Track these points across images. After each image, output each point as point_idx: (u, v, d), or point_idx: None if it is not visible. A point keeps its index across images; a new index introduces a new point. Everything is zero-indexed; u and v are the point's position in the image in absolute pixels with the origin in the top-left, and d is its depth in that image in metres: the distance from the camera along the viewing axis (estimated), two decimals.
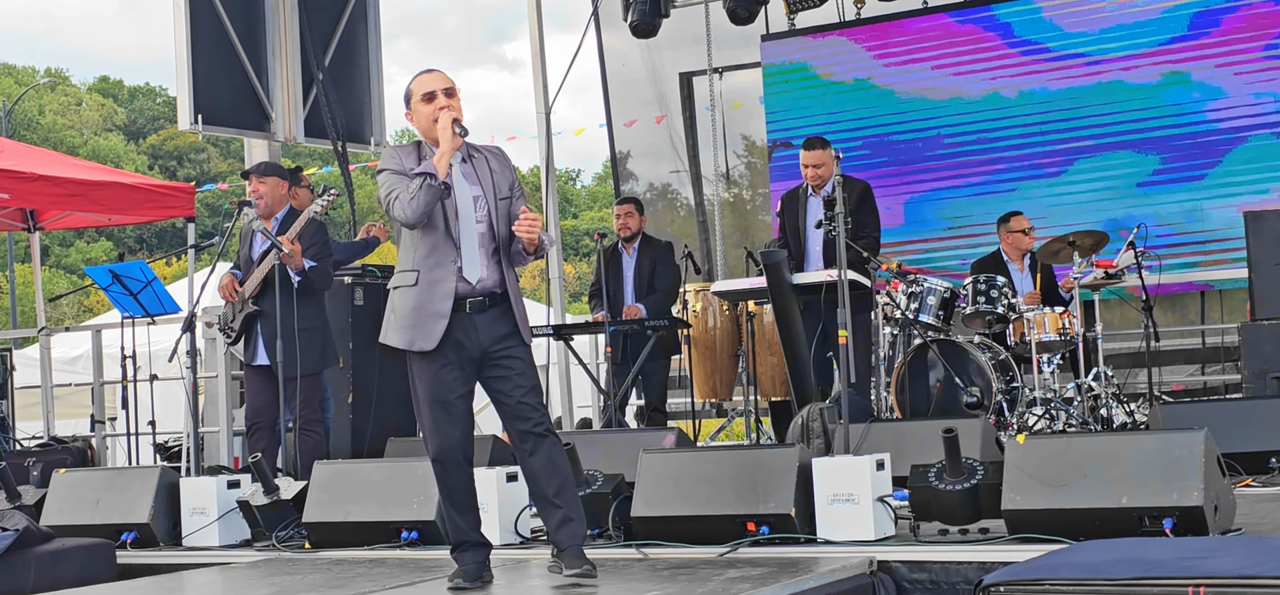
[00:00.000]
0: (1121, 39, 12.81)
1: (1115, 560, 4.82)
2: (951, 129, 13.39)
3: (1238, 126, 12.40)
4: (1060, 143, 12.99)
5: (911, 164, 13.51)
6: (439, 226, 5.78)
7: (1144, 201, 12.54)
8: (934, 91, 13.47)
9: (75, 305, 34.52)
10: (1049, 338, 9.71)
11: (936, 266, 12.56)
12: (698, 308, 11.18)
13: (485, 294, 5.82)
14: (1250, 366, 9.79)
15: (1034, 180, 13.03)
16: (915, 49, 13.57)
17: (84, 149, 45.04)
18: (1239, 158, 12.38)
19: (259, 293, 8.60)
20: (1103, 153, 12.85)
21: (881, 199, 10.37)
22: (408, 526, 7.26)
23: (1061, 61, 13.01)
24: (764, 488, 6.53)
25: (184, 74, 10.56)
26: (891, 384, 9.73)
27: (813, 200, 9.90)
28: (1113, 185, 12.77)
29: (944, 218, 13.41)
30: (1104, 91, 12.83)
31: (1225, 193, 12.35)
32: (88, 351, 12.89)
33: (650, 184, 15.91)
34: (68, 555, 7.55)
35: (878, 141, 13.62)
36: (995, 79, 13.26)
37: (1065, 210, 12.66)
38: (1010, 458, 6.21)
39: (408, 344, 5.85)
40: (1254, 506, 6.74)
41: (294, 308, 8.39)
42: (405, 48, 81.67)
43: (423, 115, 5.89)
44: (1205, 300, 12.58)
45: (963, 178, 13.33)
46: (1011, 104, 13.19)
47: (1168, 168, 12.63)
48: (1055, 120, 13.02)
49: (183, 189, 12.59)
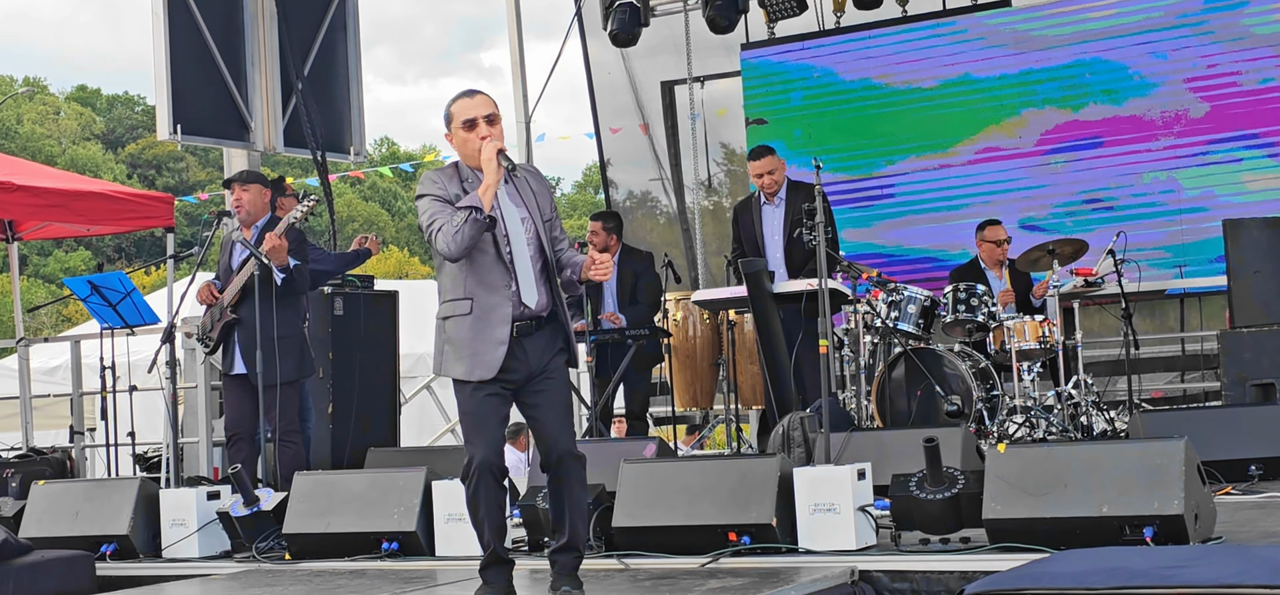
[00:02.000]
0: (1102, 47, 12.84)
1: (1096, 570, 4.82)
2: (931, 135, 13.40)
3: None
4: (1043, 150, 13.01)
5: (891, 171, 13.51)
6: (489, 251, 5.73)
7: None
8: (915, 98, 13.48)
9: (54, 315, 34.40)
10: (1029, 346, 9.73)
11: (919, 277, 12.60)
12: (678, 316, 11.18)
13: (535, 317, 5.78)
14: (1229, 374, 9.83)
15: (1014, 188, 13.06)
16: (895, 57, 13.57)
17: (62, 158, 44.90)
18: None
19: (237, 302, 8.58)
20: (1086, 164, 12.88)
21: (863, 207, 10.39)
22: (388, 537, 7.25)
23: (1045, 70, 13.02)
24: (745, 498, 6.53)
25: (163, 84, 10.53)
26: (872, 393, 9.74)
27: (767, 208, 10.04)
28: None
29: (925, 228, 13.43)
30: (1090, 99, 12.85)
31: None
32: (67, 362, 12.85)
33: (630, 192, 15.91)
34: (47, 567, 7.52)
35: (857, 149, 13.63)
36: (976, 87, 13.26)
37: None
38: (991, 466, 6.22)
39: (467, 375, 5.73)
40: (1234, 514, 6.75)
41: (273, 316, 8.37)
42: (382, 56, 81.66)
43: (464, 142, 5.80)
44: (1184, 307, 12.61)
45: (944, 182, 13.33)
46: (993, 111, 13.20)
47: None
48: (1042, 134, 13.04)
49: (161, 199, 12.56)
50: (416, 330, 13.71)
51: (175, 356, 9.09)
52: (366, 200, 48.48)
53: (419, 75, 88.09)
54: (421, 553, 7.19)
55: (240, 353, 8.58)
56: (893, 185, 13.39)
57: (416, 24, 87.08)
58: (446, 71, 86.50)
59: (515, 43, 13.49)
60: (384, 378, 10.63)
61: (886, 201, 13.38)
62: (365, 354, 10.22)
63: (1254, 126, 12.14)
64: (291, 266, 8.47)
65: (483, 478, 5.73)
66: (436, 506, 7.24)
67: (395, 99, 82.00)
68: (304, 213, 8.59)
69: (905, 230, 13.31)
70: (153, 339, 9.81)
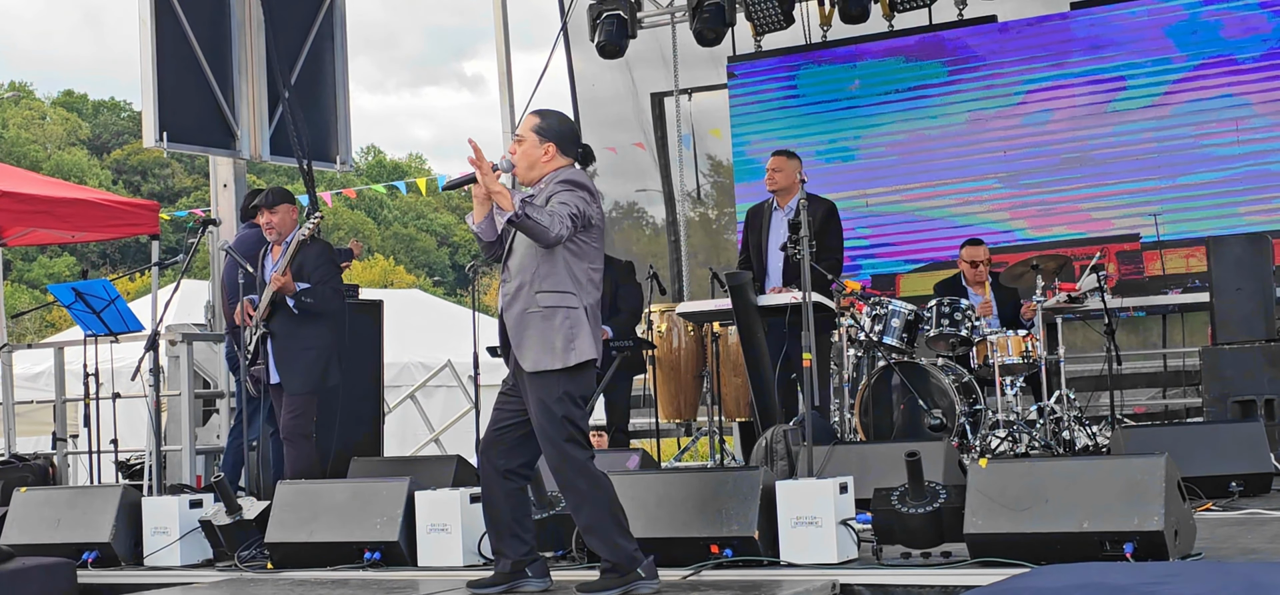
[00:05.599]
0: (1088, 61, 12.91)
1: (1076, 585, 4.84)
2: (917, 149, 13.45)
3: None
4: (1026, 159, 13.07)
5: (877, 185, 13.56)
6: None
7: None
8: (901, 114, 13.52)
9: (38, 321, 34.32)
10: (1012, 360, 9.76)
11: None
12: (663, 328, 11.19)
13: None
14: (1211, 390, 9.87)
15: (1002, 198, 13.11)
16: (881, 71, 13.62)
17: (48, 164, 44.77)
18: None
19: (268, 316, 8.81)
20: (1071, 168, 12.93)
21: (846, 220, 10.40)
22: (371, 547, 7.24)
23: (1027, 84, 13.09)
24: (728, 510, 6.54)
25: (149, 91, 10.53)
26: (855, 406, 9.75)
27: (777, 215, 9.94)
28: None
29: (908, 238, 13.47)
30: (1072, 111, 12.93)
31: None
32: (50, 368, 12.82)
33: (616, 203, 15.93)
34: (28, 575, 7.49)
35: (844, 163, 13.66)
36: (962, 101, 13.31)
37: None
38: (973, 481, 6.23)
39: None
40: (1214, 531, 6.77)
41: (296, 328, 8.74)
42: (363, 65, 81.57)
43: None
44: (1167, 324, 12.66)
45: (931, 198, 13.38)
46: (977, 125, 13.25)
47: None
48: (1021, 141, 13.09)
49: (147, 206, 12.55)
50: (400, 339, 13.71)
51: (159, 364, 9.11)
52: (352, 208, 48.44)
53: (400, 85, 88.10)
54: (403, 563, 7.19)
55: (273, 363, 8.82)
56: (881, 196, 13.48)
57: (398, 33, 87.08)
58: (429, 80, 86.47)
59: (502, 55, 13.50)
60: (367, 387, 10.63)
61: (872, 215, 13.45)
62: (349, 362, 10.21)
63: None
64: (299, 292, 8.70)
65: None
66: (419, 517, 7.23)
67: (377, 108, 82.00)
68: (310, 230, 8.74)
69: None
70: (136, 346, 9.81)
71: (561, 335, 5.93)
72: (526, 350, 5.97)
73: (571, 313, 5.96)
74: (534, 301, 5.96)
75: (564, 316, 5.95)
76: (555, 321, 5.94)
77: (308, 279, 8.74)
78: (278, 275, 8.69)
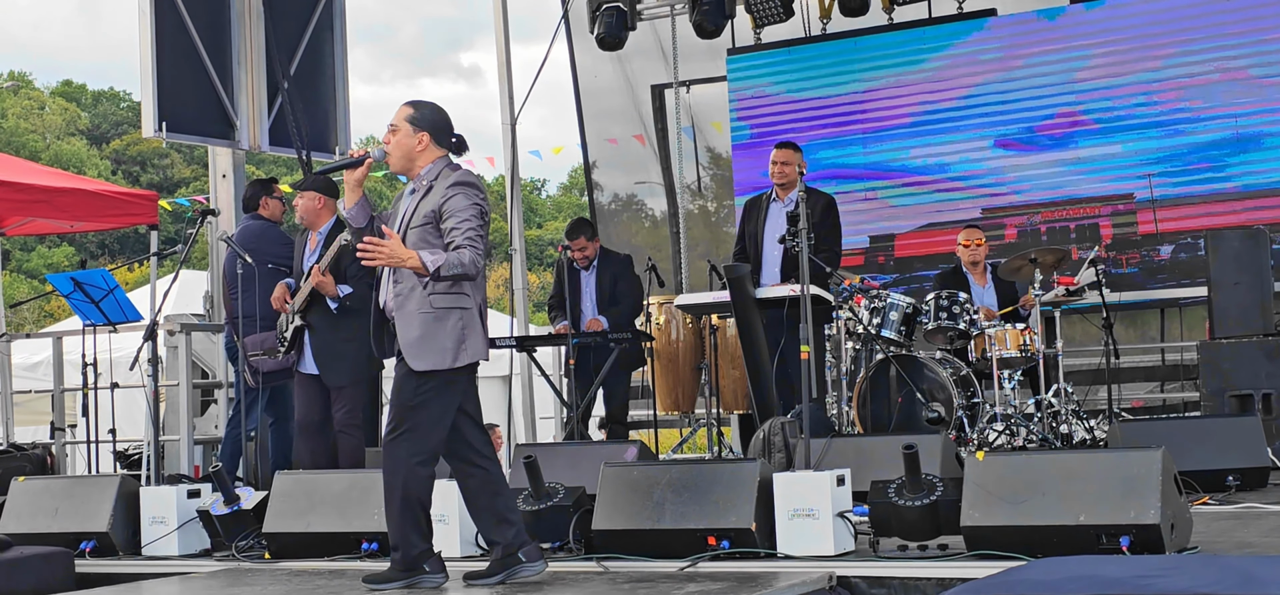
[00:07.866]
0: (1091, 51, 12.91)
1: (1072, 578, 4.84)
2: (919, 141, 13.45)
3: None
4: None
5: (876, 177, 13.56)
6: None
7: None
8: (899, 106, 13.52)
9: (36, 311, 34.30)
10: (1010, 354, 9.76)
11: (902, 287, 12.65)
12: (661, 320, 11.19)
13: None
14: (1208, 385, 9.88)
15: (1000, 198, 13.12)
16: (880, 64, 13.61)
17: (47, 153, 44.70)
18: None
19: (306, 308, 8.76)
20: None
21: (844, 208, 10.41)
22: (368, 538, 7.25)
23: (1030, 75, 13.08)
24: (725, 502, 6.54)
25: (148, 81, 10.53)
26: (853, 399, 9.75)
27: (774, 207, 9.95)
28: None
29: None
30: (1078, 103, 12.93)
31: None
32: (48, 358, 12.82)
33: (615, 195, 15.93)
34: (25, 564, 7.51)
35: (843, 157, 13.67)
36: (961, 94, 13.31)
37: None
38: (970, 474, 6.24)
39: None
40: (1210, 525, 6.79)
41: (336, 322, 8.68)
42: (359, 56, 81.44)
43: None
44: (1165, 317, 12.66)
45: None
46: (978, 116, 13.25)
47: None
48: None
49: (146, 196, 12.55)
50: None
51: (157, 354, 9.11)
52: None
53: (396, 76, 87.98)
54: None
55: (310, 354, 8.77)
56: (880, 188, 13.49)
57: (395, 24, 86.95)
58: (426, 72, 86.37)
59: (501, 47, 13.50)
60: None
61: (870, 207, 13.46)
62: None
63: None
64: (342, 295, 8.66)
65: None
66: None
67: (372, 99, 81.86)
68: (350, 239, 8.73)
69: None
70: (135, 336, 9.81)
71: (453, 337, 6.01)
72: (419, 351, 6.03)
73: (465, 314, 6.05)
74: (427, 303, 6.00)
75: (458, 319, 6.02)
76: (448, 324, 6.00)
77: (348, 281, 8.69)
78: (319, 273, 8.62)
